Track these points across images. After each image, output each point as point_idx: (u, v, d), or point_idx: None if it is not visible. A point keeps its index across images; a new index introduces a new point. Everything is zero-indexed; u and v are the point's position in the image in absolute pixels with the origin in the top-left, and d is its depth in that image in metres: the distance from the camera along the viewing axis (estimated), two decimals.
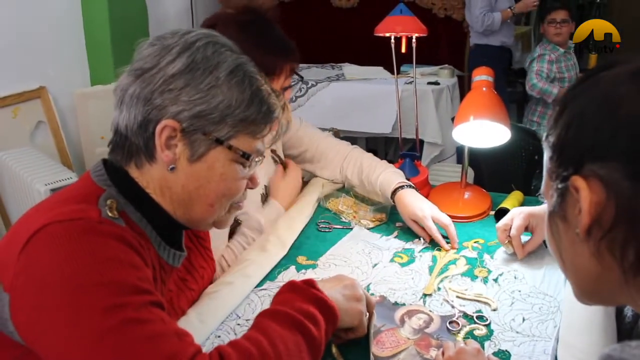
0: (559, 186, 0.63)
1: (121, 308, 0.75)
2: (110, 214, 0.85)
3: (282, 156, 1.65)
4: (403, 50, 1.68)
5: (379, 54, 2.34)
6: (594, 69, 0.63)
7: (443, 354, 0.97)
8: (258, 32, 1.36)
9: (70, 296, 0.75)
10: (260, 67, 1.31)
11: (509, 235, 1.31)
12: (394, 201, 1.49)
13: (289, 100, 1.50)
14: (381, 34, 1.64)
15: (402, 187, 1.49)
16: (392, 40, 1.66)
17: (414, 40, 1.65)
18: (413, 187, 1.50)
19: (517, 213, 1.33)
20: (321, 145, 1.68)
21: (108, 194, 0.89)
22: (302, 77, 1.51)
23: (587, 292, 0.68)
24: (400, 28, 1.59)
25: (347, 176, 1.65)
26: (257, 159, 0.96)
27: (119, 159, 0.93)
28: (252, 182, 1.00)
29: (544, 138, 0.66)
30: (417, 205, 1.43)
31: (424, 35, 1.61)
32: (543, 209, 1.01)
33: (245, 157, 0.93)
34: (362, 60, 4.01)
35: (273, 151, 1.61)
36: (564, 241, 0.66)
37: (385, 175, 1.54)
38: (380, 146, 4.08)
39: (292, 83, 1.46)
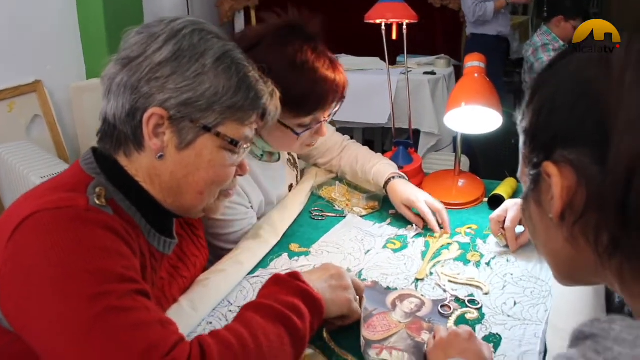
0: (532, 172, 0.63)
1: (105, 296, 0.75)
2: (98, 202, 0.85)
3: (295, 157, 1.64)
4: (394, 37, 1.68)
5: (374, 45, 2.33)
6: (562, 52, 0.63)
7: (435, 337, 0.97)
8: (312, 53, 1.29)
9: (57, 284, 0.75)
10: (329, 93, 1.26)
11: (503, 228, 1.30)
12: (386, 191, 1.50)
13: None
14: (372, 21, 1.64)
15: (394, 177, 1.50)
16: (383, 27, 1.66)
17: (404, 27, 1.65)
18: (406, 179, 1.52)
19: (511, 205, 1.31)
20: (329, 142, 1.67)
21: (97, 182, 0.89)
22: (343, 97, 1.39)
23: (564, 275, 0.68)
24: (390, 14, 1.59)
25: (341, 165, 1.66)
26: (245, 146, 0.96)
27: (107, 148, 0.93)
28: (241, 169, 1.01)
29: (518, 123, 0.66)
30: (409, 191, 1.44)
31: (415, 21, 1.61)
32: None
33: (233, 144, 0.93)
34: (358, 51, 4.00)
35: (288, 153, 1.60)
36: (538, 226, 0.66)
37: (380, 166, 1.54)
38: (377, 137, 4.08)
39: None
